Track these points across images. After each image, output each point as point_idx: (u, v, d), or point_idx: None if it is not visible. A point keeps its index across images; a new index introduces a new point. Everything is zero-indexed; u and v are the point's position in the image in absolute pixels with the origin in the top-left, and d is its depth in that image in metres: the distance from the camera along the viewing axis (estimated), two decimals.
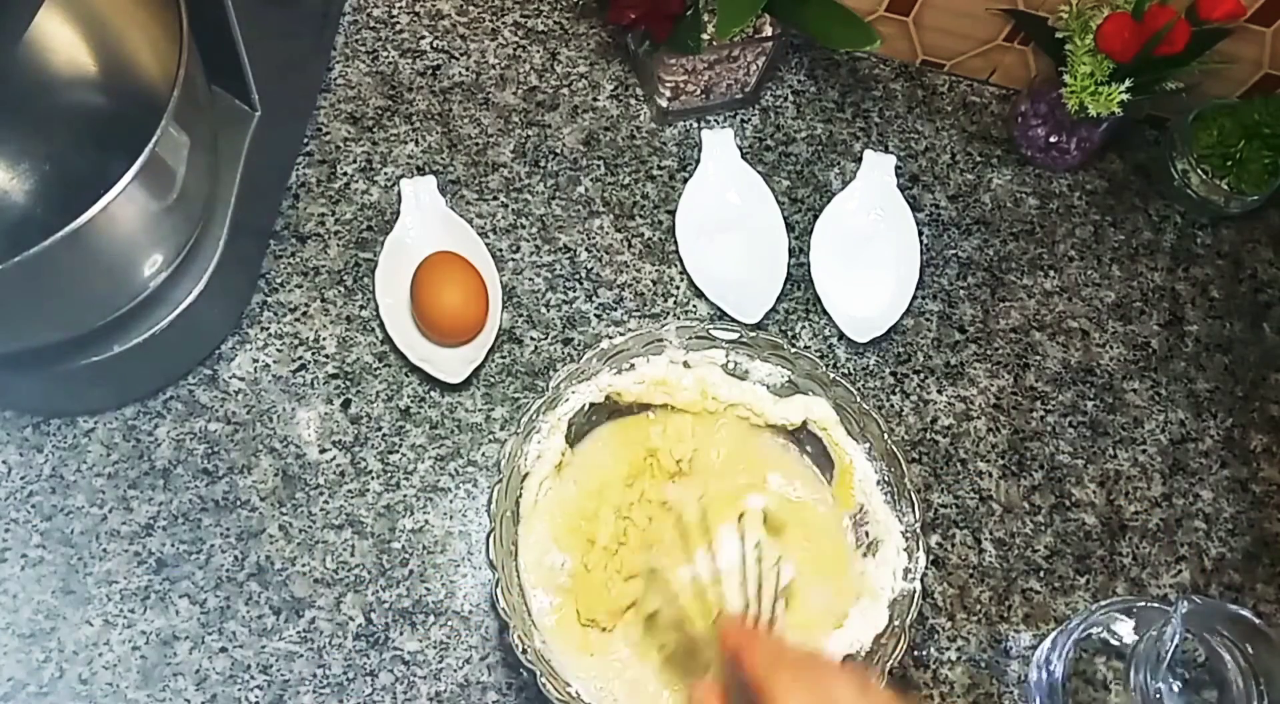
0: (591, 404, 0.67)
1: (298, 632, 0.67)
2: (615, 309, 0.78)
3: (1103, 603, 0.70)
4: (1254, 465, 0.81)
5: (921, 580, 0.62)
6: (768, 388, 0.69)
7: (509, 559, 0.62)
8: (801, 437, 0.69)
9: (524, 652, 0.58)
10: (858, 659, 0.63)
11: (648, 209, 0.82)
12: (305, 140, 0.80)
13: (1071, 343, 0.83)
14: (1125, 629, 0.70)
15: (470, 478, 0.72)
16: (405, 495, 0.71)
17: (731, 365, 0.69)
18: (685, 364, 0.68)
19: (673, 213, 0.81)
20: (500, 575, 0.59)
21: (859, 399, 0.66)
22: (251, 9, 0.63)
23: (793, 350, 0.67)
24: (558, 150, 0.82)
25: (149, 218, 0.58)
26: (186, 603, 0.67)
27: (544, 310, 0.77)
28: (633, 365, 0.67)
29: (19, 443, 0.69)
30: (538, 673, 0.58)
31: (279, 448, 0.71)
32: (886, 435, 0.65)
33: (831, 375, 0.66)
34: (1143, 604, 0.69)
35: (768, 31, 0.80)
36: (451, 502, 0.71)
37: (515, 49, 0.85)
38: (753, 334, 0.67)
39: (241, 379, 0.73)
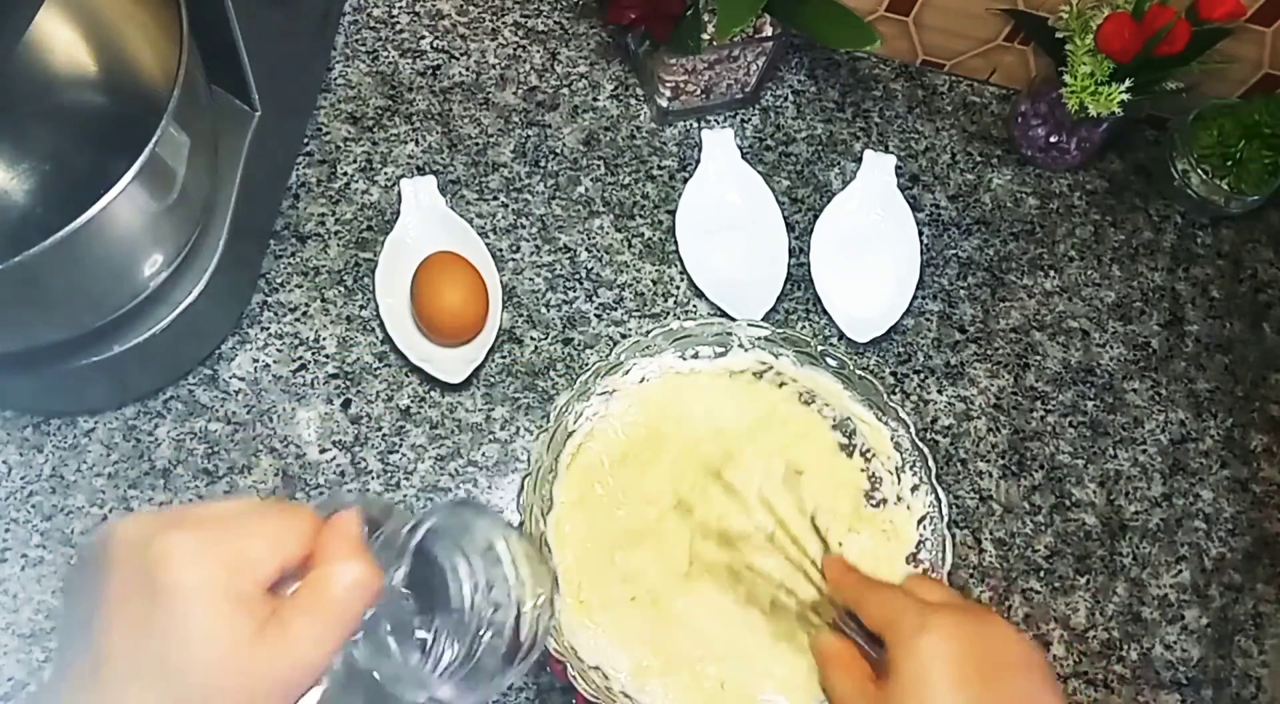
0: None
1: None
2: (615, 309, 0.78)
3: None
4: (1254, 465, 0.81)
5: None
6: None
7: (540, 510, 0.61)
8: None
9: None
10: None
11: (648, 209, 0.82)
12: (305, 140, 0.80)
13: (1071, 343, 0.83)
14: None
15: (470, 478, 0.72)
16: (405, 495, 0.71)
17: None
18: (763, 363, 0.68)
19: (673, 213, 0.81)
20: (525, 519, 0.59)
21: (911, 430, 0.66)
22: (251, 9, 0.63)
23: (859, 374, 0.66)
24: (558, 150, 0.82)
25: (149, 218, 0.58)
26: None
27: (544, 310, 0.77)
28: (696, 353, 0.67)
29: (19, 443, 0.69)
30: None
31: (279, 448, 0.71)
32: (913, 430, 0.65)
33: (891, 405, 0.66)
34: None
35: (768, 31, 0.80)
36: None
37: (515, 49, 0.85)
38: (821, 348, 0.66)
39: (241, 379, 0.73)
